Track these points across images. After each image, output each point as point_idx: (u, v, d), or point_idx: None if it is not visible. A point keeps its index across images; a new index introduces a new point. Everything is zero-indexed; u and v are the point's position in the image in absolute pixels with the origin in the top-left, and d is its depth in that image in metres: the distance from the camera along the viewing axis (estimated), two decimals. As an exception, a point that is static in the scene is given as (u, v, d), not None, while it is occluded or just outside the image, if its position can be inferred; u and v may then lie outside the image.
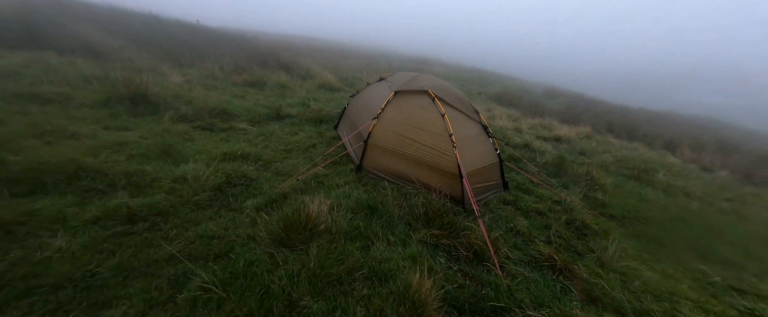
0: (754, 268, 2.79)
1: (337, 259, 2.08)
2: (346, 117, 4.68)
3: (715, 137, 13.36)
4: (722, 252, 2.97)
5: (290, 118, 5.38)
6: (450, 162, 3.08)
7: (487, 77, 24.76)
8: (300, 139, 4.44)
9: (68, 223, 2.01)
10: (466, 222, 2.68)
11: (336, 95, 7.89)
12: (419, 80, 3.69)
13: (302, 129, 4.94)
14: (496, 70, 33.20)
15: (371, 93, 4.20)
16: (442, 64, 28.07)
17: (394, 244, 2.37)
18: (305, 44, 21.61)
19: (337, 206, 2.67)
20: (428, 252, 2.29)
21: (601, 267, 2.43)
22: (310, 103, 6.32)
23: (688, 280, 2.45)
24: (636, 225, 3.25)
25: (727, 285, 2.44)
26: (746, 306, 2.17)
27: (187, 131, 3.80)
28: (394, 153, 3.37)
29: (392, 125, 3.42)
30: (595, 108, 16.81)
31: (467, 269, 2.16)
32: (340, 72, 12.34)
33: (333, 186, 3.25)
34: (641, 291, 2.21)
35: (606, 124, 12.50)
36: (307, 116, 5.46)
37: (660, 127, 14.07)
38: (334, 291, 1.87)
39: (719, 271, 2.60)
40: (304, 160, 3.80)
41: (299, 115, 5.52)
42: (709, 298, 2.23)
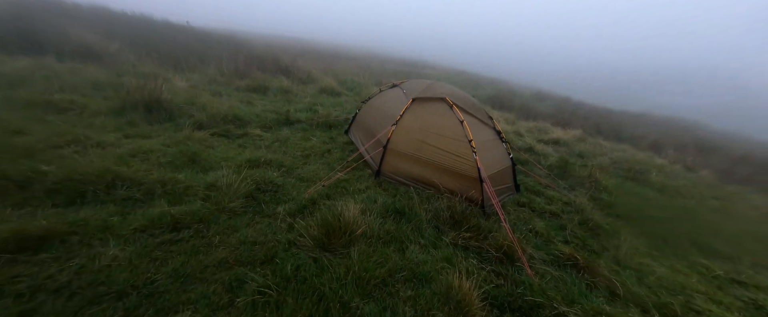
0: (748, 261, 3.05)
1: (377, 262, 2.19)
2: (358, 122, 4.78)
3: (693, 138, 14.07)
4: (719, 247, 3.23)
5: (300, 124, 5.45)
6: (469, 166, 3.24)
7: (477, 80, 25.27)
8: (314, 145, 4.51)
9: (116, 232, 2.04)
10: (489, 224, 2.83)
11: (340, 100, 7.98)
12: (435, 88, 3.85)
13: (314, 134, 5.02)
14: (483, 72, 34.02)
15: (386, 99, 4.33)
16: (432, 67, 28.53)
17: (426, 247, 2.50)
18: (295, 46, 21.59)
19: (367, 210, 2.78)
20: (460, 253, 2.42)
21: (618, 264, 2.63)
22: (317, 108, 6.39)
23: (694, 275, 2.67)
24: (641, 224, 3.48)
25: (729, 278, 2.68)
26: (750, 297, 2.39)
27: (206, 138, 3.82)
28: (413, 158, 3.51)
29: (411, 131, 3.56)
30: (580, 111, 17.44)
31: (499, 269, 2.30)
32: (338, 75, 12.44)
33: (356, 191, 3.35)
34: (657, 286, 2.40)
35: (595, 126, 13.01)
36: (317, 121, 5.54)
37: (643, 129, 14.73)
38: (381, 292, 1.98)
39: (720, 265, 2.84)
40: (322, 166, 3.88)
41: (308, 120, 5.59)
42: (716, 291, 2.45)
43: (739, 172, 8.92)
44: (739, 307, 2.33)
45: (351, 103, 7.61)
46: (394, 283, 2.07)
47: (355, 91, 9.56)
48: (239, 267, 2.00)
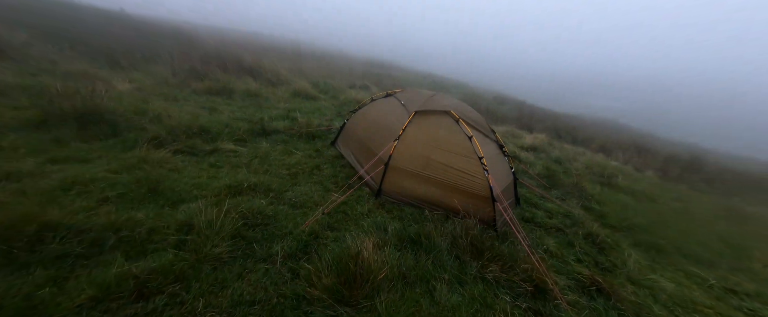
0: (726, 265, 3.33)
1: (409, 314, 1.86)
2: (348, 133, 4.37)
3: (628, 138, 15.93)
4: (700, 252, 3.50)
5: (278, 134, 4.85)
6: (480, 185, 3.05)
7: (442, 83, 26.03)
8: (300, 160, 4.00)
9: (50, 314, 1.43)
10: (508, 249, 2.66)
11: (317, 105, 7.41)
12: (438, 100, 3.62)
13: (296, 147, 4.49)
14: (448, 75, 35.34)
15: (380, 110, 3.99)
16: (400, 69, 28.78)
17: (452, 283, 2.23)
18: (250, 42, 20.06)
19: (380, 243, 2.43)
20: (490, 290, 2.20)
21: (632, 283, 2.63)
22: (295, 115, 5.80)
23: (694, 286, 2.80)
24: (632, 234, 3.64)
25: (722, 286, 2.86)
26: (749, 308, 2.55)
27: (168, 159, 3.11)
28: (418, 175, 3.23)
29: (415, 146, 3.28)
30: (536, 114, 18.84)
31: (535, 306, 2.12)
32: (310, 76, 11.72)
33: (359, 216, 2.97)
34: (671, 304, 2.44)
35: (554, 130, 14.09)
36: (297, 131, 4.99)
37: (587, 131, 16.32)
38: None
39: (709, 273, 3.03)
40: (314, 186, 3.42)
41: (287, 129, 5.01)
42: (718, 303, 2.58)
43: (672, 171, 10.21)
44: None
45: (330, 109, 7.11)
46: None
47: (330, 95, 9.02)
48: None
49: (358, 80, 13.56)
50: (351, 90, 10.73)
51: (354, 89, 11.17)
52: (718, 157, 15.54)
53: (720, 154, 17.56)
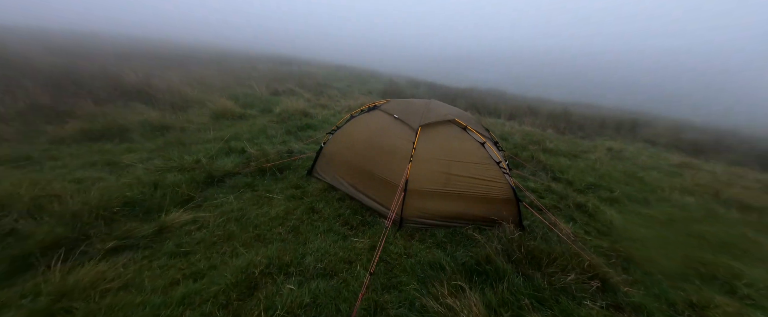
0: (650, 198, 4.38)
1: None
2: (332, 159, 3.75)
3: (527, 106, 19.24)
4: (636, 196, 4.48)
5: (232, 178, 3.80)
6: (501, 188, 3.05)
7: (359, 73, 25.93)
8: (287, 207, 3.23)
9: None
10: (550, 247, 2.75)
11: (254, 125, 6.17)
12: (436, 109, 3.39)
13: (269, 189, 3.61)
14: (361, 66, 35.44)
15: (371, 128, 3.52)
16: (309, 63, 27.11)
17: (535, 306, 2.16)
18: (109, 45, 15.43)
19: (452, 289, 2.15)
20: (568, 298, 2.22)
21: (626, 239, 3.13)
22: (240, 146, 4.66)
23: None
24: (594, 192, 4.38)
25: (659, 214, 3.72)
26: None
27: (99, 276, 1.96)
28: (441, 193, 3.01)
29: (431, 164, 3.02)
30: (450, 93, 20.88)
31: (610, 300, 2.25)
32: (218, 88, 9.68)
33: (399, 259, 2.58)
34: (653, 242, 3.01)
35: (474, 106, 15.83)
36: (255, 168, 4.02)
37: (489, 102, 19.02)
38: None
39: (650, 208, 3.90)
40: (328, 237, 2.82)
41: (240, 169, 3.98)
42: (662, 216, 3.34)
43: (560, 127, 12.87)
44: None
45: (274, 128, 6.02)
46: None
47: (260, 109, 7.66)
48: None
49: (278, 84, 12.02)
50: (279, 98, 9.42)
51: (282, 96, 9.85)
52: (579, 108, 20.24)
53: (581, 106, 23.06)
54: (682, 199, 4.40)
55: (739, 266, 2.82)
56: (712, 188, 4.82)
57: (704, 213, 3.87)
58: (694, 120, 17.21)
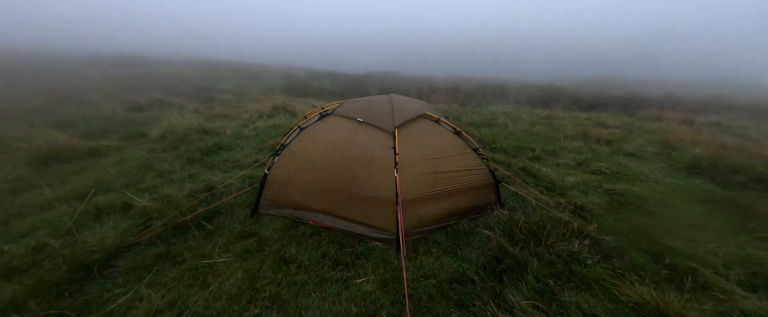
0: (556, 149, 5.43)
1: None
2: (287, 187, 2.93)
3: (425, 84, 20.79)
4: (554, 150, 5.44)
5: (128, 254, 2.51)
6: (482, 174, 3.04)
7: (244, 70, 22.42)
8: (247, 270, 2.34)
9: None
10: (538, 218, 2.93)
11: (121, 160, 4.29)
12: (402, 105, 3.00)
13: (202, 253, 2.54)
14: (237, 59, 30.55)
15: (333, 138, 2.87)
16: (165, 63, 21.63)
17: (565, 286, 2.23)
18: None
19: (487, 300, 1.98)
20: (581, 267, 2.40)
21: (574, 190, 3.72)
22: (121, 197, 3.13)
23: (566, 170, 4.37)
24: (524, 153, 5.05)
25: (568, 161, 4.65)
26: (573, 157, 4.34)
27: None
28: (432, 196, 2.78)
29: (416, 167, 2.71)
30: (353, 80, 20.67)
31: (599, 251, 2.55)
32: (39, 113, 6.34)
33: (423, 287, 2.24)
34: (582, 186, 3.70)
35: (381, 91, 16.02)
36: (162, 227, 2.77)
37: (391, 84, 19.94)
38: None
39: (567, 157, 4.81)
40: (329, 289, 2.18)
41: (135, 235, 2.68)
42: (577, 169, 4.19)
43: (458, 99, 14.57)
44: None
45: (163, 159, 4.35)
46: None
47: (120, 135, 5.46)
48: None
49: (134, 94, 8.90)
50: (149, 113, 6.96)
51: (150, 111, 7.34)
52: (463, 81, 23.30)
53: (462, 79, 26.62)
54: (572, 144, 5.59)
55: (627, 186, 3.74)
56: (581, 131, 6.36)
57: (596, 155, 5.04)
58: (541, 81, 22.55)
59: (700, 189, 3.91)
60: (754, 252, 2.54)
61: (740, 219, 3.17)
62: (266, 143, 5.01)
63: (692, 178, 4.29)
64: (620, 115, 9.27)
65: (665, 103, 12.50)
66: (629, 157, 5.02)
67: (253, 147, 4.97)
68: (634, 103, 11.74)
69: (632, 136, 6.33)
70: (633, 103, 11.74)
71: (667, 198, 3.54)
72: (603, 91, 15.81)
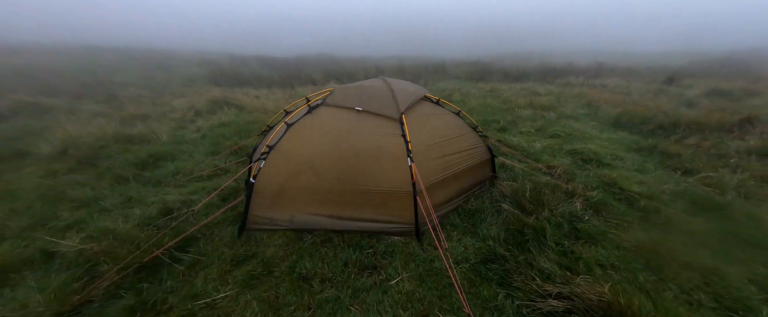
0: (519, 122, 5.93)
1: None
2: (281, 194, 2.51)
3: (372, 65, 20.13)
4: (518, 123, 5.89)
5: (88, 315, 1.86)
6: (482, 151, 3.10)
7: (145, 57, 18.40)
8: (258, 301, 1.95)
9: None
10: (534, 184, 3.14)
11: (10, 189, 3.10)
12: (400, 88, 2.75)
13: (191, 293, 2.03)
14: (132, 45, 24.76)
15: (331, 132, 2.51)
16: (17, 51, 16.43)
17: (578, 244, 2.45)
18: None
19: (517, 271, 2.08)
20: (582, 222, 2.66)
21: (543, 157, 4.12)
22: (36, 240, 2.26)
23: (531, 139, 4.84)
24: (491, 126, 5.36)
25: (532, 129, 5.16)
26: (537, 126, 4.87)
27: None
28: (442, 180, 2.72)
29: (427, 153, 2.59)
30: (288, 63, 18.91)
31: (590, 207, 2.87)
32: None
33: (458, 275, 2.21)
34: (545, 152, 4.16)
35: (333, 76, 14.92)
36: (120, 272, 2.12)
37: (336, 68, 18.96)
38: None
39: (530, 126, 5.30)
40: (366, 297, 1.96)
41: (81, 294, 2.00)
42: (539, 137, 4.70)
43: (418, 81, 14.64)
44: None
45: (77, 182, 3.27)
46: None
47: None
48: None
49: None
50: (26, 123, 5.12)
51: (16, 119, 5.44)
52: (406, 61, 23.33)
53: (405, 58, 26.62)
54: (524, 113, 6.18)
55: (582, 145, 4.33)
56: (528, 101, 7.07)
57: (547, 120, 5.65)
58: (470, 57, 24.09)
59: (629, 140, 4.76)
60: (688, 186, 3.20)
61: (663, 159, 3.97)
62: (222, 145, 4.22)
63: (619, 132, 5.19)
64: (544, 84, 10.62)
65: (569, 70, 14.81)
66: (570, 119, 5.79)
67: (205, 152, 4.13)
68: (551, 73, 13.55)
69: (563, 101, 7.31)
70: (551, 73, 13.54)
71: (614, 151, 4.20)
72: (522, 63, 17.84)
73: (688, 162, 3.64)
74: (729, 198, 2.90)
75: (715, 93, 7.54)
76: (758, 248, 2.31)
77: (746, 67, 12.76)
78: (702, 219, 2.71)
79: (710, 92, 7.62)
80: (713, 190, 3.06)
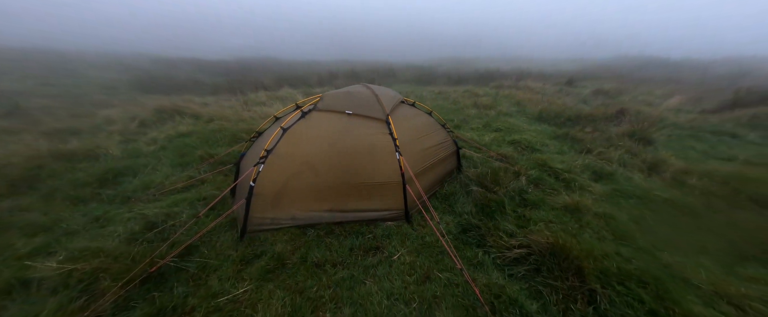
0: (469, 119, 6.86)
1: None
2: (282, 195, 2.70)
3: (325, 70, 19.85)
4: (466, 120, 6.76)
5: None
6: (450, 144, 3.70)
7: (35, 57, 15.18)
8: (285, 288, 2.17)
9: None
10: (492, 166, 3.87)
11: None
12: (382, 93, 3.14)
13: (210, 293, 2.12)
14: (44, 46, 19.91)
15: (326, 134, 2.78)
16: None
17: (528, 208, 3.19)
18: None
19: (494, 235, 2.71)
20: (528, 194, 3.44)
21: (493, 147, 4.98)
22: (8, 266, 2.04)
23: (482, 134, 5.76)
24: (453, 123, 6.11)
25: (483, 125, 6.09)
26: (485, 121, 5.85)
27: None
28: (423, 170, 3.23)
29: (410, 147, 3.06)
30: (231, 67, 17.61)
31: (532, 181, 3.70)
32: None
33: (440, 253, 2.72)
34: (493, 144, 5.09)
35: (285, 80, 14.26)
36: (122, 291, 2.11)
37: (284, 71, 18.38)
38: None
39: (477, 122, 6.21)
40: (375, 271, 2.32)
41: (85, 312, 1.96)
42: (487, 132, 5.66)
43: (380, 83, 15.01)
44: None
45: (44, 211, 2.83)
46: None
47: None
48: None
49: None
50: None
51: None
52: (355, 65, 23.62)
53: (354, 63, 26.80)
54: (471, 112, 7.18)
55: (518, 136, 5.38)
56: (473, 101, 8.17)
57: (489, 117, 6.69)
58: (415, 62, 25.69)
59: (549, 130, 6.01)
60: (590, 161, 4.32)
61: (573, 144, 5.20)
62: (191, 155, 4.03)
63: (542, 124, 6.47)
64: (482, 87, 12.20)
65: (499, 75, 17.18)
66: (507, 116, 6.96)
67: (171, 164, 3.91)
68: (485, 77, 15.51)
69: (498, 101, 8.64)
70: (485, 77, 15.50)
71: (540, 139, 5.31)
72: (460, 67, 19.95)
73: (588, 145, 4.86)
74: (614, 167, 4.05)
75: (600, 92, 9.78)
76: (634, 198, 3.36)
77: (619, 71, 16.59)
78: (600, 183, 3.75)
79: (596, 91, 9.85)
80: (605, 162, 4.21)
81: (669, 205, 3.16)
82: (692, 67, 17.73)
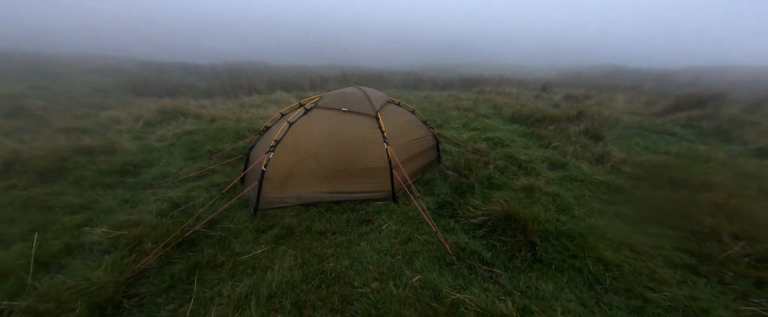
0: (453, 120, 7.56)
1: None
2: (289, 178, 3.25)
3: (315, 74, 20.31)
4: (450, 121, 7.45)
5: (150, 278, 2.34)
6: (431, 139, 4.34)
7: (15, 59, 14.99)
8: (296, 251, 2.70)
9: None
10: (460, 157, 4.53)
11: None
12: (372, 93, 3.75)
13: (238, 252, 2.64)
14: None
15: (326, 128, 3.36)
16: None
17: (494, 190, 3.86)
18: None
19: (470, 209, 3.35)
20: (497, 179, 4.12)
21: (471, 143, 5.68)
22: (58, 237, 2.50)
23: (462, 132, 6.47)
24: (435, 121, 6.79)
25: (465, 125, 6.80)
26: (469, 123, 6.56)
27: None
28: (408, 158, 3.84)
29: (397, 139, 3.67)
30: (222, 71, 17.83)
31: (500, 170, 4.39)
32: None
33: (420, 224, 3.33)
34: (471, 140, 5.80)
35: (275, 84, 14.71)
36: (169, 244, 2.61)
37: (272, 75, 18.75)
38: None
39: (458, 121, 6.92)
40: (366, 236, 2.89)
41: (124, 263, 2.45)
42: (469, 130, 6.37)
43: (352, 81, 15.61)
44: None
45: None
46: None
47: None
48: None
49: None
50: None
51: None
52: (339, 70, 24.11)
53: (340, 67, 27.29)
54: (453, 114, 7.91)
55: (492, 134, 6.11)
56: (455, 104, 8.92)
57: (469, 118, 7.42)
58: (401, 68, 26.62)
59: (519, 129, 6.78)
60: (549, 154, 5.07)
61: (537, 140, 5.97)
62: (200, 151, 4.50)
63: (514, 124, 7.26)
64: (465, 92, 13.07)
65: (481, 81, 18.24)
66: (484, 118, 7.72)
67: (183, 158, 4.36)
68: (469, 83, 16.47)
69: (478, 104, 9.44)
70: (468, 83, 16.45)
71: (511, 137, 6.05)
72: (445, 73, 20.96)
73: (549, 140, 5.64)
74: (568, 158, 4.81)
75: (570, 97, 10.79)
76: (579, 181, 4.09)
77: (589, 79, 17.95)
78: (555, 172, 4.48)
79: (566, 97, 10.85)
80: (561, 155, 4.97)
81: (604, 186, 3.90)
82: (654, 76, 19.39)
